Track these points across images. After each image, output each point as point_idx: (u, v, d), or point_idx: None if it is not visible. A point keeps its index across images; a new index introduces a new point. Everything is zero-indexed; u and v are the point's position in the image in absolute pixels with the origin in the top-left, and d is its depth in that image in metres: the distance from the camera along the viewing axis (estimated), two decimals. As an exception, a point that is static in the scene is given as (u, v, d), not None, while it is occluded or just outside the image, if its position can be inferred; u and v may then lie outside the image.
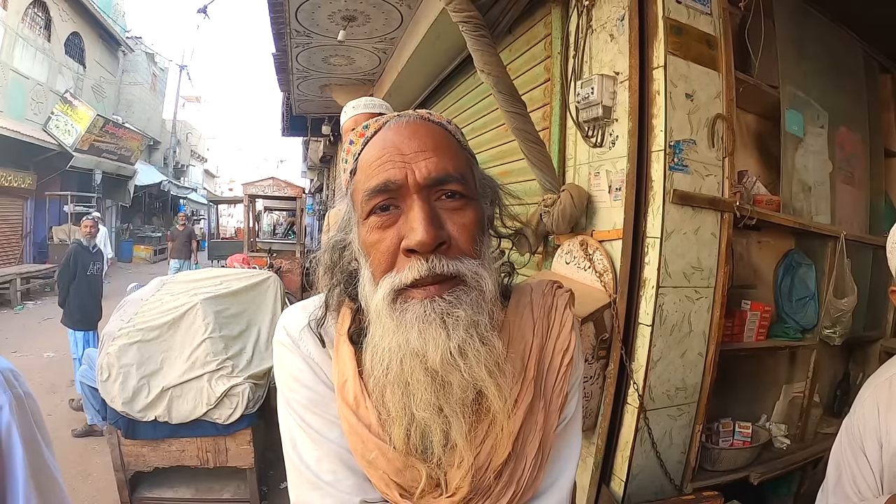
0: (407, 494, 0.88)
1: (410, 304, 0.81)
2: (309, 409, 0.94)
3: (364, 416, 0.88)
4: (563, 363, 0.96)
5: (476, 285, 0.83)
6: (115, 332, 3.59)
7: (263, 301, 4.44)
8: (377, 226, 0.84)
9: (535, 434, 0.92)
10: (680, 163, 2.21)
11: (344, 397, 0.90)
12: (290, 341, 0.97)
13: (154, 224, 23.26)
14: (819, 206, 3.02)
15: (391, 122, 0.90)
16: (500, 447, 0.87)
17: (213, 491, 3.84)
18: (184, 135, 28.03)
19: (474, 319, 0.81)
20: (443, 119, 0.94)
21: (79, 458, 4.55)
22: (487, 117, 3.91)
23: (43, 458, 1.05)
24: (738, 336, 2.67)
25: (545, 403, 0.94)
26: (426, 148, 0.84)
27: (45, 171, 14.76)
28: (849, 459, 1.26)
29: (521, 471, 0.91)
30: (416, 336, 0.79)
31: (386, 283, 0.83)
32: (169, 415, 3.44)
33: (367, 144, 0.90)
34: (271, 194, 11.72)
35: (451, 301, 0.81)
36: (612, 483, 2.39)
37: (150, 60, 22.85)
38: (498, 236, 1.02)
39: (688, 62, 2.26)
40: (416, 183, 0.82)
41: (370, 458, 0.87)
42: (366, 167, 0.87)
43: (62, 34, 15.59)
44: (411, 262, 0.80)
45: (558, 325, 0.98)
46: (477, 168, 0.95)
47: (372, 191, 0.84)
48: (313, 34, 5.12)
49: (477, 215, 0.87)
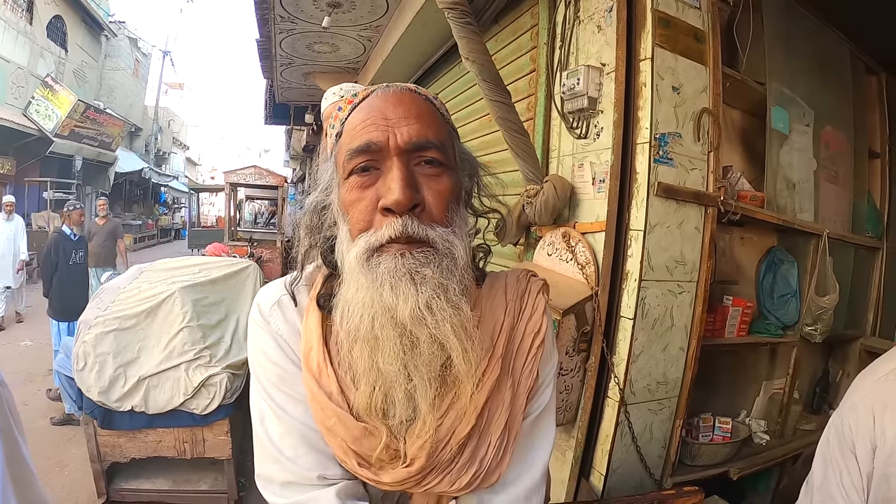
0: (365, 463, 0.91)
1: (383, 258, 0.83)
2: (276, 385, 0.96)
3: (325, 384, 0.91)
4: (534, 345, 0.98)
5: (447, 252, 0.85)
6: (91, 321, 3.52)
7: (242, 290, 4.38)
8: (357, 185, 0.87)
9: (502, 413, 0.94)
10: (665, 156, 2.20)
11: (308, 365, 0.93)
12: (261, 319, 1.00)
13: (134, 212, 22.91)
14: (803, 203, 3.03)
15: (379, 90, 0.93)
16: (463, 420, 0.90)
17: (190, 482, 3.79)
18: (166, 122, 27.70)
19: (442, 282, 0.83)
20: (429, 93, 0.96)
21: (55, 449, 4.48)
22: (471, 107, 3.89)
23: (18, 447, 1.02)
24: (720, 331, 2.67)
25: (513, 383, 0.96)
26: (409, 115, 0.88)
27: (24, 157, 14.50)
28: (836, 458, 1.23)
29: (485, 450, 0.93)
30: (388, 291, 0.81)
31: (362, 241, 0.85)
32: (145, 405, 3.38)
33: (355, 110, 0.93)
34: (253, 183, 11.63)
35: (420, 260, 0.83)
36: (592, 477, 2.39)
37: (133, 45, 22.50)
38: (475, 214, 1.04)
39: (675, 55, 2.25)
40: (397, 146, 0.85)
41: (329, 425, 0.90)
42: (350, 130, 0.90)
43: (44, 17, 15.28)
44: (387, 221, 0.83)
45: (530, 308, 1.01)
46: (458, 142, 0.98)
47: (354, 151, 0.87)
48: (298, 20, 5.05)
49: (453, 184, 0.90)
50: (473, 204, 1.03)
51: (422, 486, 0.92)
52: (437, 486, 0.91)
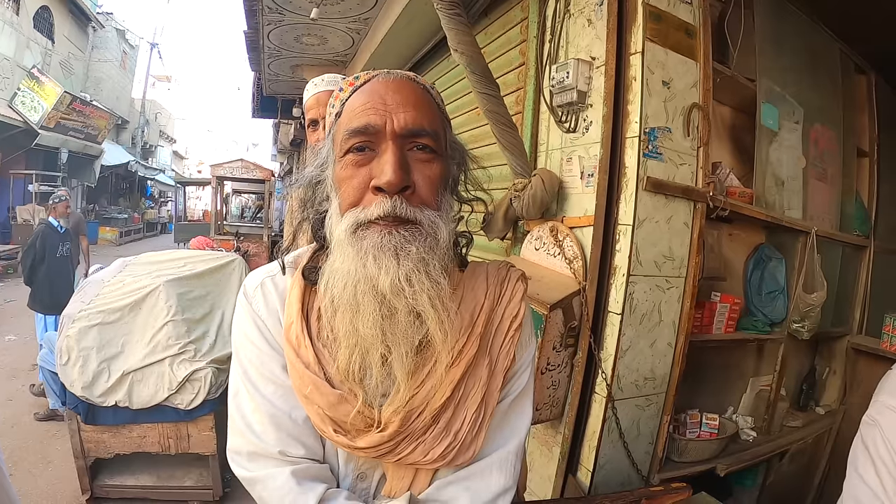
0: (341, 431, 0.95)
1: (369, 233, 0.89)
2: (252, 363, 1.01)
3: (303, 354, 0.96)
4: (512, 328, 1.03)
5: (432, 232, 0.91)
6: (74, 315, 3.48)
7: (228, 284, 4.33)
8: (352, 163, 0.92)
9: (478, 389, 0.98)
10: (654, 150, 2.19)
11: (288, 337, 0.98)
12: (244, 300, 1.05)
13: (120, 205, 22.72)
14: (791, 200, 3.03)
15: (381, 75, 0.98)
16: (438, 391, 0.94)
17: (175, 478, 3.76)
18: (153, 115, 27.40)
19: (424, 258, 0.89)
20: (426, 83, 1.01)
21: (39, 445, 4.42)
22: (460, 101, 3.88)
23: None
24: (708, 327, 2.68)
25: (490, 361, 1.01)
26: (407, 102, 0.92)
27: (9, 149, 14.31)
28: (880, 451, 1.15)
29: (460, 423, 0.96)
30: (371, 262, 0.87)
31: (351, 216, 0.91)
32: (129, 400, 3.34)
33: (356, 92, 0.97)
34: (240, 176, 11.55)
35: (406, 236, 0.88)
36: (579, 473, 2.38)
37: (121, 37, 22.26)
38: (460, 200, 1.08)
39: (666, 50, 2.24)
40: (393, 130, 0.90)
41: (306, 393, 0.95)
42: (350, 111, 0.95)
43: (31, 8, 15.06)
44: (378, 200, 0.88)
45: (509, 294, 1.06)
46: (450, 131, 1.04)
47: (353, 131, 0.91)
48: (286, 11, 5.02)
49: (442, 171, 0.96)
50: (459, 191, 1.07)
51: (395, 454, 0.95)
52: (410, 454, 0.95)
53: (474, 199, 1.10)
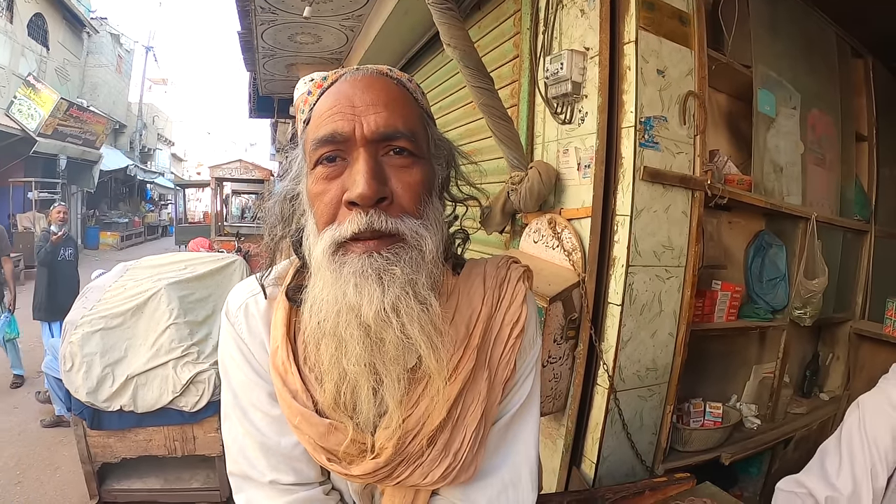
0: (335, 459, 0.90)
1: (349, 258, 0.81)
2: (241, 387, 0.97)
3: (290, 382, 0.91)
4: (513, 335, 0.95)
5: (416, 245, 0.82)
6: (77, 321, 3.50)
7: (229, 285, 4.30)
8: (323, 176, 0.84)
9: (477, 405, 0.91)
10: (651, 139, 2.18)
11: (274, 363, 0.93)
12: (227, 322, 1.00)
13: (121, 210, 22.69)
14: (790, 187, 3.02)
15: (348, 74, 0.89)
16: (434, 412, 0.87)
17: (182, 480, 3.78)
18: (150, 118, 27.33)
19: (411, 278, 0.81)
20: (403, 76, 0.92)
21: (47, 451, 4.46)
22: (455, 95, 3.87)
23: None
24: (709, 316, 2.67)
25: (489, 375, 0.93)
26: (377, 102, 0.83)
27: (7, 158, 14.28)
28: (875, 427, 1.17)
29: (460, 442, 0.90)
30: (352, 290, 0.79)
31: (327, 236, 0.82)
32: (134, 404, 3.36)
33: (323, 95, 0.89)
34: (239, 177, 11.56)
35: (389, 258, 0.80)
36: (583, 465, 2.38)
37: (116, 42, 22.20)
38: (453, 201, 1.01)
39: (660, 38, 2.22)
40: (363, 136, 0.81)
41: (295, 423, 0.90)
42: (317, 117, 0.86)
43: (25, 15, 15.01)
44: (352, 216, 0.80)
45: (510, 297, 0.97)
46: (433, 128, 0.94)
47: (319, 141, 0.83)
48: (279, 11, 4.99)
49: (424, 175, 0.86)
50: (451, 191, 1.00)
51: (393, 479, 0.90)
52: (408, 478, 0.90)
53: (468, 197, 1.02)
